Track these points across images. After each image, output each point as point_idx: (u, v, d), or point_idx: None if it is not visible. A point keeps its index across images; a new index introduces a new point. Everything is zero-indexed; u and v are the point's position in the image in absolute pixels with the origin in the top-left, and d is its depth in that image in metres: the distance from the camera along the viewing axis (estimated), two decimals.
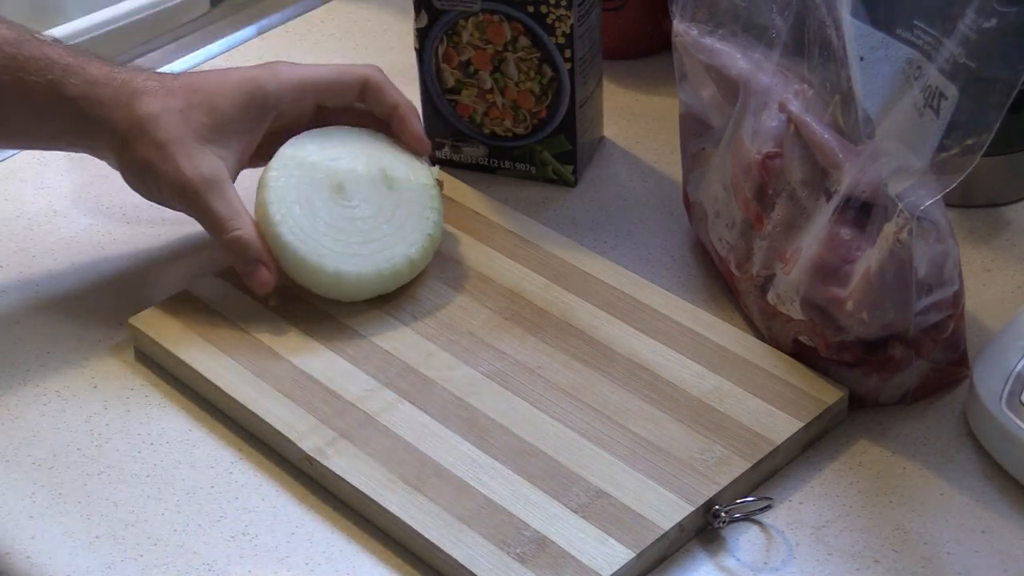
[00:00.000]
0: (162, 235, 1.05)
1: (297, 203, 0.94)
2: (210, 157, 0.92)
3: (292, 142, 0.97)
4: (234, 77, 0.95)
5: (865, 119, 0.85)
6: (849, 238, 0.87)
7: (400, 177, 0.97)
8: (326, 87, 0.97)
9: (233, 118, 0.93)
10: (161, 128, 0.92)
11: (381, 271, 0.94)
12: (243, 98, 0.94)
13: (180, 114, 0.92)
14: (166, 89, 0.94)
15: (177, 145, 0.92)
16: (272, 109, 0.95)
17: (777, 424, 0.87)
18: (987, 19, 0.78)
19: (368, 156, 0.97)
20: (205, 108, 0.93)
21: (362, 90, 0.98)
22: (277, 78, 0.95)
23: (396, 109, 0.98)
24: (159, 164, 0.92)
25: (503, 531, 0.82)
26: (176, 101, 0.93)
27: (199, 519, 0.86)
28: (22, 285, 1.02)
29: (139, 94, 0.93)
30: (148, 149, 0.92)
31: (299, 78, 0.96)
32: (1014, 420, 0.85)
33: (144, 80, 0.94)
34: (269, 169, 0.95)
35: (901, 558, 0.82)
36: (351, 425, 0.88)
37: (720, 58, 0.95)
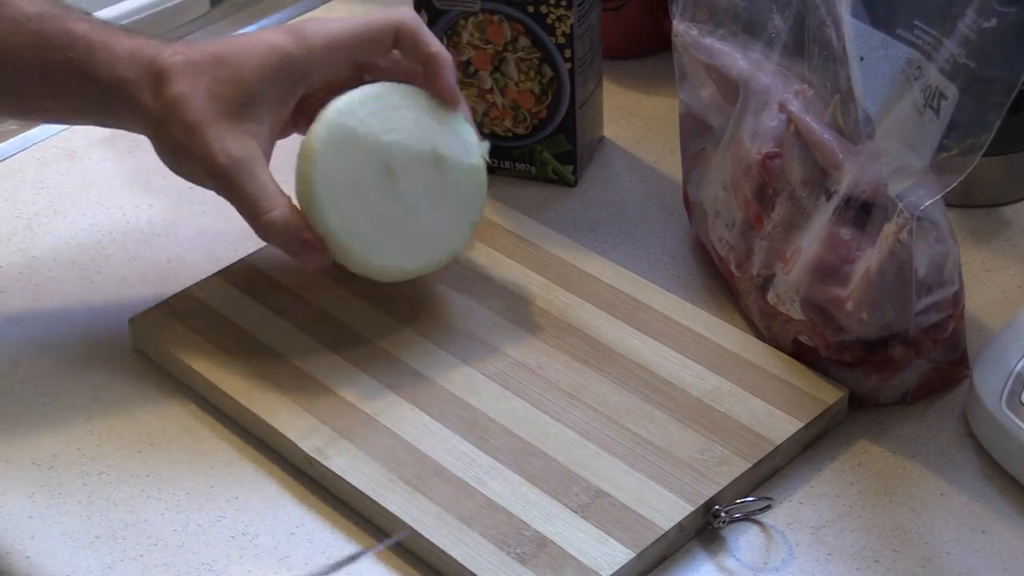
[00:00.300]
0: (162, 235, 1.05)
1: (344, 185, 0.89)
2: (240, 136, 0.89)
3: (339, 106, 0.90)
4: (262, 47, 0.91)
5: (865, 119, 0.85)
6: (849, 238, 0.87)
7: (450, 157, 0.92)
8: (356, 44, 0.92)
9: (262, 92, 0.90)
10: (190, 109, 0.88)
11: (422, 268, 0.92)
12: (271, 70, 0.90)
13: (207, 92, 0.89)
14: (194, 66, 0.89)
15: (206, 127, 0.88)
16: (303, 79, 0.91)
17: (777, 424, 0.87)
18: (987, 19, 0.78)
19: (421, 130, 0.92)
20: (232, 83, 0.89)
21: (395, 39, 0.92)
22: (306, 44, 0.91)
23: (430, 59, 0.92)
24: (191, 147, 0.89)
25: (503, 531, 0.82)
26: (203, 78, 0.89)
27: (199, 519, 0.86)
28: (22, 285, 1.02)
29: (166, 74, 0.89)
30: (179, 132, 0.89)
31: (327, 40, 0.91)
32: (1014, 420, 0.85)
33: (170, 56, 0.90)
34: (314, 139, 0.89)
35: (901, 558, 0.82)
36: (351, 425, 0.88)
37: (720, 58, 0.95)
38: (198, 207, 1.07)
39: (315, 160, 0.89)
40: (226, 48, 0.91)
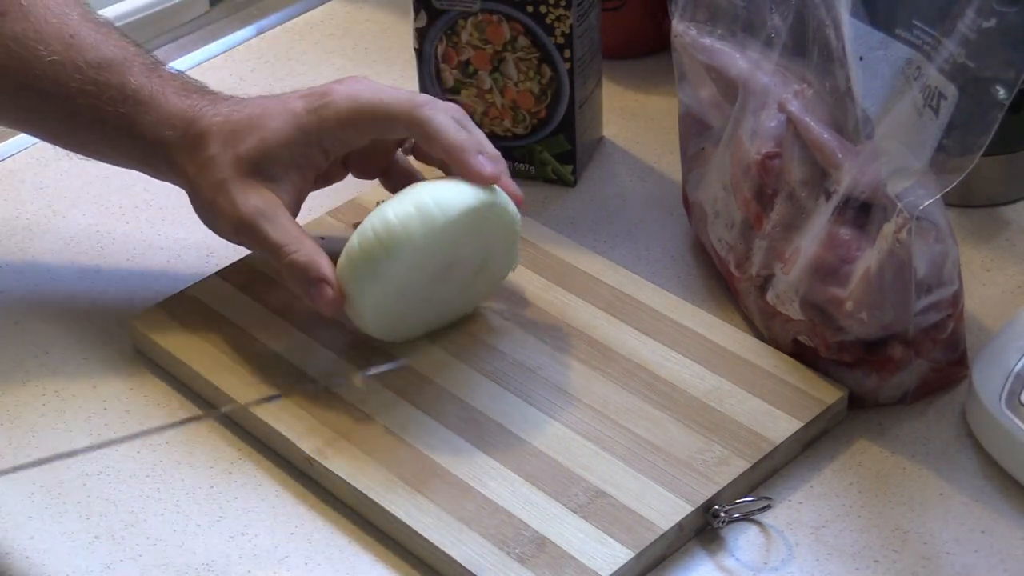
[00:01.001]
0: (162, 235, 1.05)
1: (402, 271, 0.88)
2: (261, 190, 0.90)
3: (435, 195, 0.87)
4: (283, 113, 0.91)
5: (865, 119, 0.85)
6: (848, 238, 0.87)
7: (492, 270, 0.93)
8: (366, 125, 0.91)
9: (279, 155, 0.91)
10: (218, 169, 0.91)
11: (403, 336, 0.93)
12: (286, 137, 0.91)
13: (233, 152, 0.91)
14: (228, 125, 0.91)
15: (231, 183, 0.90)
16: (315, 147, 0.92)
17: (777, 424, 0.87)
18: (987, 19, 0.78)
19: (486, 236, 0.90)
20: (255, 143, 0.91)
21: (408, 127, 0.90)
22: (318, 117, 0.91)
23: (446, 154, 0.89)
24: (219, 203, 0.91)
25: (503, 531, 0.82)
26: (233, 137, 0.91)
27: (199, 519, 0.86)
28: (22, 285, 1.02)
29: (203, 135, 0.91)
30: (209, 191, 0.91)
31: (337, 118, 0.91)
32: (1014, 420, 0.85)
33: (211, 117, 0.92)
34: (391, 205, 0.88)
35: (901, 558, 0.82)
36: (351, 425, 0.88)
37: (719, 58, 0.95)
38: None
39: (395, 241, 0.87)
40: (259, 110, 0.92)
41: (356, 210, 1.02)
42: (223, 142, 0.91)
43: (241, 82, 1.20)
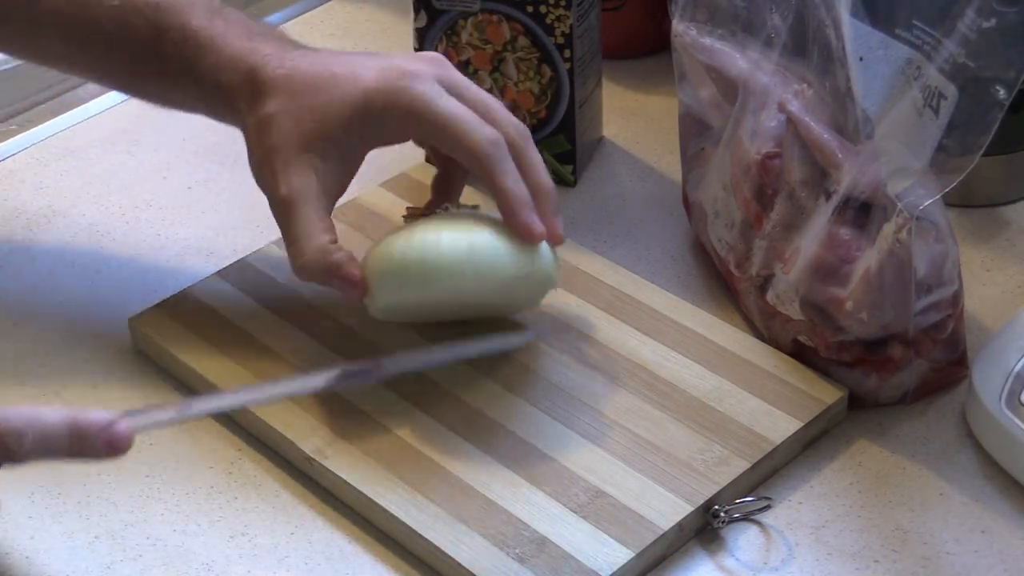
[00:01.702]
0: (162, 235, 1.05)
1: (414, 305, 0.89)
2: (304, 169, 0.88)
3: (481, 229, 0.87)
4: (359, 85, 0.88)
5: (865, 119, 0.85)
6: (848, 238, 0.87)
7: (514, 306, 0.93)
8: (430, 134, 0.89)
9: (337, 133, 0.88)
10: (273, 132, 0.88)
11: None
12: (351, 113, 0.88)
13: (293, 117, 0.88)
14: (292, 84, 0.89)
15: (279, 152, 0.88)
16: (375, 128, 0.89)
17: (777, 424, 0.87)
18: (987, 19, 0.78)
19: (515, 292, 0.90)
20: (317, 114, 0.88)
21: (469, 160, 0.88)
22: (387, 100, 0.88)
23: (498, 196, 0.87)
24: (264, 169, 0.89)
25: (503, 531, 0.82)
26: (295, 102, 0.88)
27: (199, 519, 0.86)
28: (22, 285, 1.02)
29: (265, 88, 0.89)
30: (260, 151, 0.89)
31: (408, 108, 0.88)
32: (1014, 420, 0.85)
33: (276, 68, 0.89)
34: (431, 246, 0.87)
35: (901, 558, 0.82)
36: (351, 425, 0.88)
37: (719, 58, 0.95)
38: (197, 207, 1.07)
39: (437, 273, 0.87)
40: (328, 72, 0.89)
41: (357, 210, 1.02)
42: (284, 102, 0.89)
43: None
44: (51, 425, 0.73)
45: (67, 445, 0.74)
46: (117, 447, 0.75)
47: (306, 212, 0.88)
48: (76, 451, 0.74)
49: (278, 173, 0.88)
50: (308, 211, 0.88)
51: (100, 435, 0.74)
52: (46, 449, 0.73)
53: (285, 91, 0.89)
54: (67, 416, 0.74)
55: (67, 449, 0.74)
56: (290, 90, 0.89)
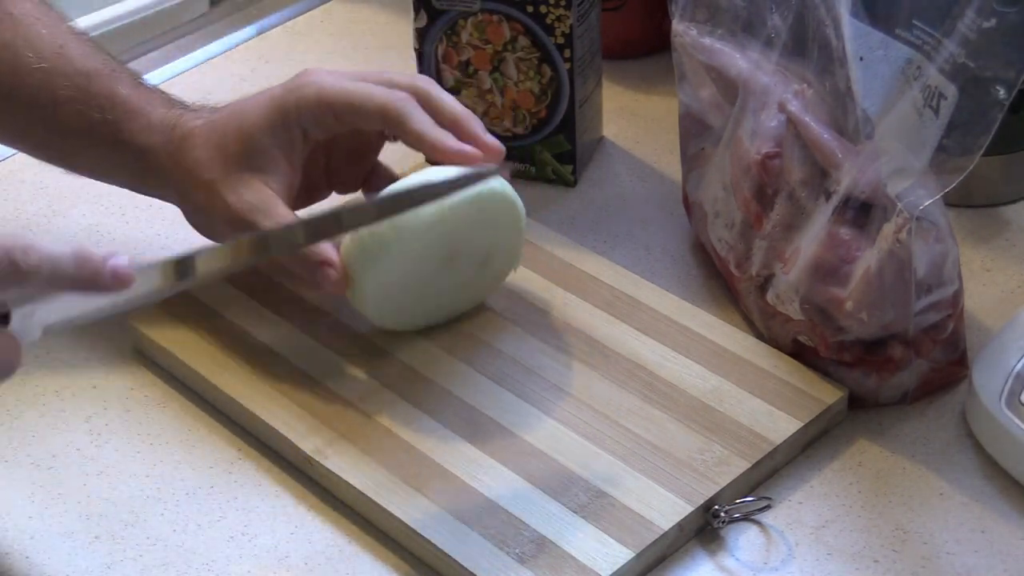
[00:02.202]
0: (162, 235, 1.05)
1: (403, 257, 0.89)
2: (252, 183, 0.90)
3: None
4: (265, 98, 0.92)
5: (865, 119, 0.85)
6: (848, 238, 0.87)
7: (495, 266, 0.93)
8: (342, 112, 0.91)
9: (262, 142, 0.91)
10: (204, 169, 0.91)
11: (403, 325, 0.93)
12: (268, 121, 0.91)
13: (217, 148, 0.91)
14: (210, 126, 0.92)
15: (220, 182, 0.90)
16: (296, 129, 0.91)
17: (777, 424, 0.87)
18: (987, 19, 0.78)
19: (491, 229, 0.91)
20: (238, 136, 0.91)
21: (383, 121, 0.90)
22: (297, 96, 0.91)
23: (423, 145, 0.89)
24: (210, 205, 0.91)
25: (502, 531, 0.82)
26: (215, 136, 0.91)
27: (199, 519, 0.86)
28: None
29: (186, 138, 0.92)
30: (199, 193, 0.91)
31: (316, 96, 0.91)
32: (1014, 420, 0.85)
33: (192, 120, 0.93)
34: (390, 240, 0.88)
35: (901, 558, 0.82)
36: (351, 425, 0.88)
37: (720, 58, 0.95)
38: None
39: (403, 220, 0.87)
40: (239, 105, 0.93)
41: None
42: (206, 142, 0.91)
43: (241, 82, 1.20)
44: (57, 249, 0.73)
45: (73, 268, 0.73)
46: (121, 277, 0.74)
47: (277, 211, 0.90)
48: (82, 275, 0.73)
49: (226, 197, 0.90)
50: (278, 210, 0.90)
51: (104, 263, 0.74)
52: (53, 269, 0.72)
53: (205, 134, 0.92)
54: (70, 245, 0.73)
55: (73, 273, 0.73)
56: (209, 131, 0.92)
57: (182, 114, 0.94)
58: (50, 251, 0.73)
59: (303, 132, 0.91)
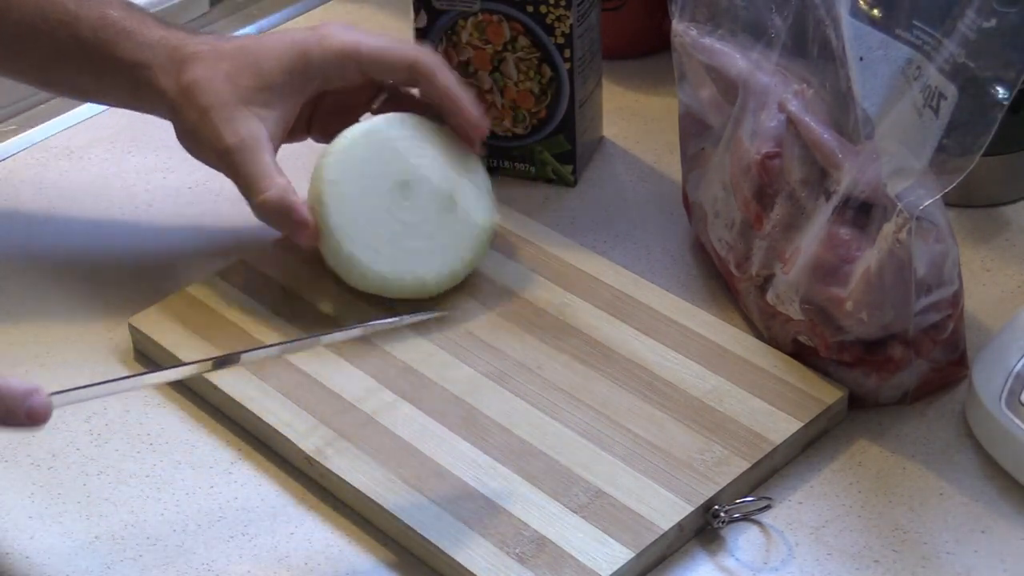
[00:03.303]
0: (162, 235, 1.05)
1: (360, 178, 0.93)
2: (250, 119, 0.92)
3: (387, 117, 0.96)
4: (285, 40, 0.95)
5: (865, 119, 0.85)
6: (848, 238, 0.87)
7: (461, 206, 0.95)
8: (370, 61, 0.94)
9: (277, 81, 0.93)
10: (205, 93, 0.92)
11: (386, 277, 0.94)
12: (288, 62, 0.93)
13: (225, 76, 0.92)
14: (216, 52, 0.94)
15: (218, 109, 0.92)
16: (315, 75, 0.94)
17: (777, 424, 0.87)
18: (987, 19, 0.78)
19: (449, 170, 0.96)
20: (252, 70, 0.93)
21: (410, 72, 0.95)
22: (322, 44, 0.94)
23: (446, 96, 0.95)
24: (202, 129, 0.92)
25: (502, 531, 0.82)
26: (224, 64, 0.93)
27: (199, 519, 0.86)
28: (22, 285, 1.02)
29: (189, 59, 0.93)
30: (193, 114, 0.93)
31: (342, 47, 0.94)
32: (1014, 420, 0.85)
33: (197, 44, 0.94)
34: (348, 130, 0.95)
35: (901, 558, 0.82)
36: (350, 425, 0.88)
37: (719, 58, 0.95)
38: (197, 207, 1.07)
39: (341, 144, 0.94)
40: (252, 40, 0.96)
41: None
42: (211, 67, 0.92)
43: None
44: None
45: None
46: (36, 417, 0.75)
47: (262, 155, 0.92)
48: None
49: (220, 127, 0.92)
50: (263, 154, 0.92)
51: (21, 404, 0.74)
52: None
53: (210, 59, 0.93)
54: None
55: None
56: (216, 58, 0.93)
57: (183, 35, 0.95)
58: None
59: (321, 78, 0.94)
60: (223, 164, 0.93)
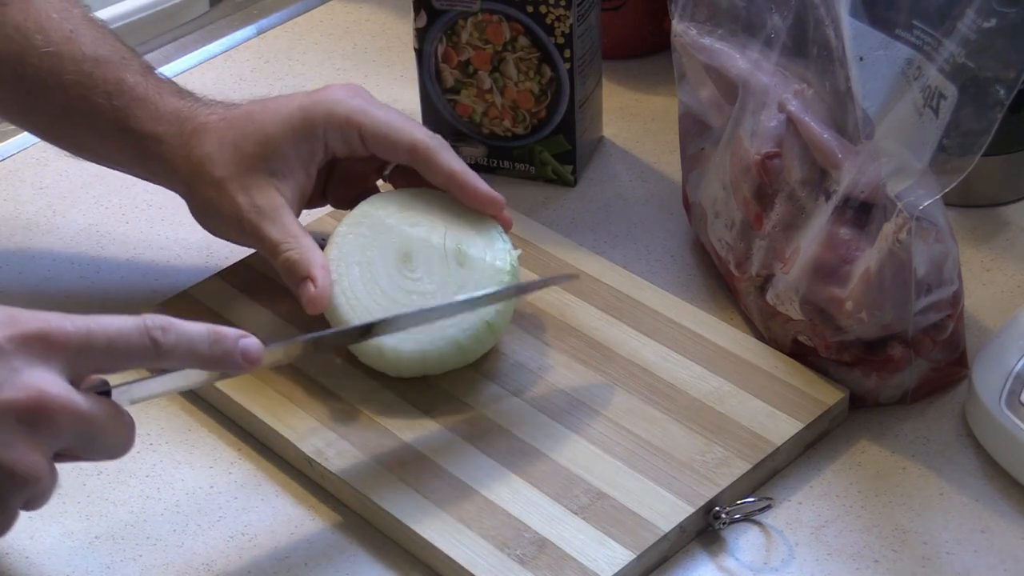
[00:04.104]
0: (162, 235, 1.05)
1: (358, 264, 0.90)
2: (264, 186, 0.90)
3: (374, 199, 0.93)
4: (291, 105, 0.92)
5: (865, 119, 0.85)
6: (848, 238, 0.87)
7: (474, 256, 0.90)
8: (372, 137, 0.92)
9: (283, 147, 0.91)
10: (217, 165, 0.91)
11: (425, 353, 0.89)
12: (293, 128, 0.91)
13: (233, 147, 0.91)
14: (225, 122, 0.92)
15: (232, 181, 0.90)
16: (319, 140, 0.92)
17: (778, 425, 0.87)
18: (987, 19, 0.78)
19: (450, 227, 0.92)
20: (257, 137, 0.91)
21: (409, 155, 0.92)
22: (327, 110, 0.92)
23: (451, 179, 0.92)
24: (218, 202, 0.91)
25: (503, 532, 0.82)
26: (231, 133, 0.91)
27: (198, 519, 0.86)
28: (22, 285, 1.02)
29: (199, 131, 0.92)
30: (207, 189, 0.91)
31: (347, 117, 0.92)
32: (1014, 420, 0.85)
33: (207, 114, 0.93)
34: (341, 223, 0.92)
35: (901, 558, 0.82)
36: (351, 426, 0.88)
37: (719, 58, 0.95)
38: None
39: (335, 241, 0.91)
40: (258, 107, 0.93)
41: None
42: (220, 139, 0.91)
43: (241, 82, 1.20)
44: (192, 328, 0.75)
45: (207, 346, 0.75)
46: (251, 357, 0.76)
47: (284, 219, 0.90)
48: (215, 353, 0.75)
49: (237, 197, 0.90)
50: (284, 217, 0.90)
51: (236, 342, 0.76)
52: (189, 346, 0.74)
53: (219, 130, 0.92)
54: (203, 325, 0.75)
55: (207, 351, 0.75)
56: (225, 128, 0.92)
57: (194, 106, 0.93)
58: (186, 329, 0.74)
59: (325, 145, 0.92)
60: (242, 232, 0.91)
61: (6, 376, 0.70)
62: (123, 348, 0.73)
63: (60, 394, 0.71)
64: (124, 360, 0.74)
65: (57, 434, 0.71)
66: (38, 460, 0.71)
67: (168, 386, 0.78)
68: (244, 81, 1.20)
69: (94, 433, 0.73)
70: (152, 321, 0.74)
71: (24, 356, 0.71)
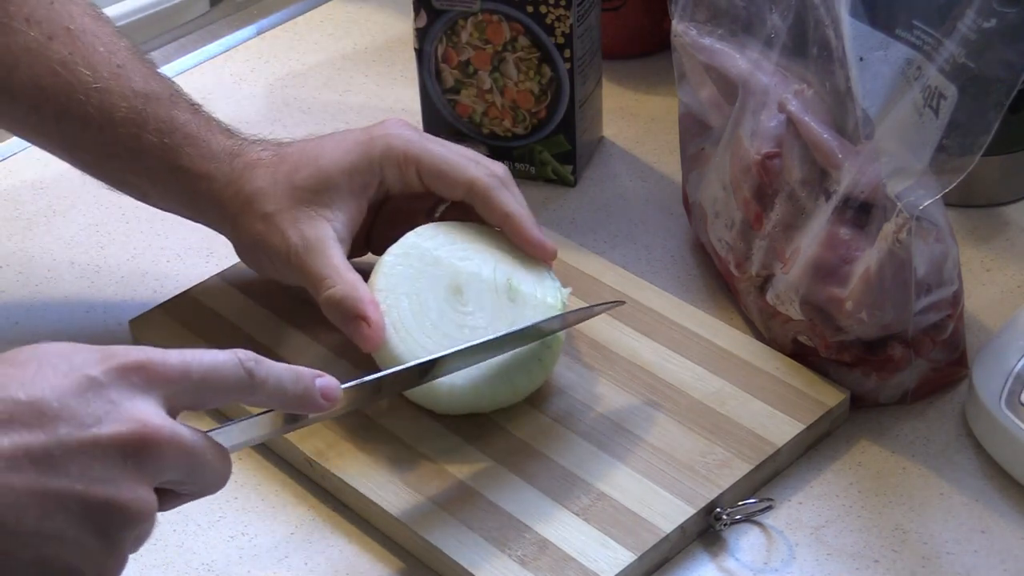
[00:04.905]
0: (162, 235, 1.05)
1: (407, 296, 0.87)
2: (315, 219, 0.88)
3: (421, 230, 0.90)
4: (347, 139, 0.91)
5: (865, 119, 0.85)
6: (848, 238, 0.87)
7: (526, 292, 0.88)
8: (429, 173, 0.90)
9: (337, 181, 0.89)
10: (268, 201, 0.89)
11: (479, 389, 0.87)
12: (349, 162, 0.89)
13: (285, 181, 0.89)
14: (278, 157, 0.90)
15: (282, 214, 0.88)
16: (375, 175, 0.90)
17: (779, 426, 0.87)
18: (987, 19, 0.78)
19: (499, 262, 0.90)
20: (311, 170, 0.89)
21: (467, 193, 0.90)
22: (385, 144, 0.90)
23: (506, 219, 0.90)
24: (267, 237, 0.89)
25: (504, 533, 0.82)
26: (284, 168, 0.90)
27: (199, 519, 0.86)
28: (22, 285, 1.02)
29: (249, 168, 0.90)
30: (256, 223, 0.89)
31: (405, 151, 0.90)
32: (1014, 420, 0.85)
33: (259, 151, 0.91)
34: (388, 253, 0.89)
35: (901, 558, 0.82)
36: (351, 427, 0.88)
37: (719, 58, 0.95)
38: None
39: (383, 271, 0.88)
40: (312, 143, 0.92)
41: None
42: (272, 174, 0.89)
43: (241, 82, 1.20)
44: (278, 365, 0.73)
45: (292, 382, 0.74)
46: (330, 395, 0.75)
47: (331, 254, 0.88)
48: (298, 390, 0.74)
49: (286, 230, 0.88)
50: (331, 251, 0.88)
51: (313, 380, 0.75)
52: (277, 382, 0.73)
53: (272, 166, 0.90)
54: (284, 365, 0.74)
55: (292, 387, 0.74)
56: (278, 163, 0.90)
57: (244, 144, 0.92)
58: (272, 364, 0.73)
59: (381, 180, 0.90)
60: (289, 266, 0.88)
61: (106, 409, 0.67)
62: (219, 380, 0.71)
63: (164, 425, 0.68)
64: (221, 393, 0.71)
65: (163, 468, 0.68)
66: (146, 495, 0.68)
67: (248, 435, 0.75)
68: (244, 81, 1.20)
69: (197, 465, 0.70)
70: (244, 354, 0.72)
71: (123, 388, 0.68)
